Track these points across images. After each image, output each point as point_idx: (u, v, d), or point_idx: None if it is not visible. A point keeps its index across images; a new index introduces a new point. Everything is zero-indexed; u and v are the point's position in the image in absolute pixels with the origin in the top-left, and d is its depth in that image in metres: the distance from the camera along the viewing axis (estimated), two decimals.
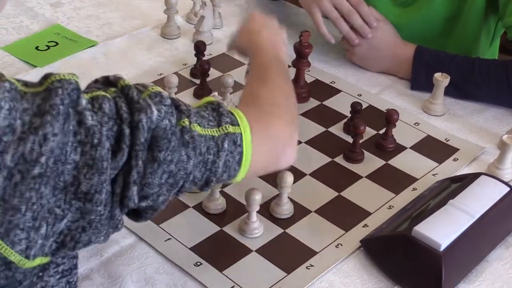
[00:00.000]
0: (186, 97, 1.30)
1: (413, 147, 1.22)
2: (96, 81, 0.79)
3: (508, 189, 1.04)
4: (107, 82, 0.78)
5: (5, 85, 0.66)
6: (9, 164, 0.64)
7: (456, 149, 1.22)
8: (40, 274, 0.72)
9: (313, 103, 1.32)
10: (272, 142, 0.88)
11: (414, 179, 1.15)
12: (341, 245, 1.02)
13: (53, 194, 0.67)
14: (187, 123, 0.77)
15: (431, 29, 1.47)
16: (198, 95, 1.31)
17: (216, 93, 1.15)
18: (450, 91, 1.32)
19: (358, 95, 1.35)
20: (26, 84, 0.69)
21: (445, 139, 1.24)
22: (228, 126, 0.82)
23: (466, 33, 1.46)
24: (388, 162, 1.19)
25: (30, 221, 0.66)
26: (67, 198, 0.68)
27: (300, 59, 1.31)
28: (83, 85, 1.32)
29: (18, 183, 0.65)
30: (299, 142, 1.21)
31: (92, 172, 0.69)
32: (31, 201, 0.65)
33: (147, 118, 0.72)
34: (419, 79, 1.36)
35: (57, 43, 1.46)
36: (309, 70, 1.38)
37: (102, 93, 0.73)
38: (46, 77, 0.69)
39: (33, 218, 0.66)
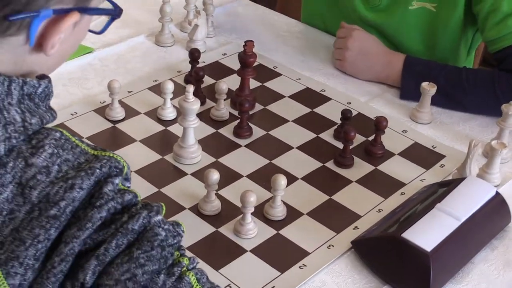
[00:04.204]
0: None
1: (401, 154, 1.25)
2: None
3: (495, 192, 1.08)
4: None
5: (56, 134, 0.72)
6: (34, 199, 0.68)
7: (443, 156, 1.25)
8: None
9: (304, 110, 1.35)
10: None
11: (402, 184, 1.18)
12: (333, 246, 1.04)
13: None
14: (186, 263, 0.73)
15: (408, 36, 1.50)
16: None
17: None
18: (439, 100, 1.35)
19: (347, 103, 1.38)
20: (82, 141, 0.74)
21: (432, 146, 1.27)
22: None
23: (445, 44, 1.49)
24: (377, 167, 1.21)
25: (31, 259, 0.67)
26: None
27: (245, 68, 1.32)
28: (79, 90, 1.36)
29: (33, 219, 0.67)
30: (291, 148, 1.25)
31: (77, 227, 0.69)
32: (38, 238, 0.67)
33: (147, 215, 0.72)
34: (408, 89, 1.39)
35: None
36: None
37: (133, 193, 0.73)
38: (105, 150, 0.74)
39: (34, 258, 0.67)
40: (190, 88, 1.15)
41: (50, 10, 0.70)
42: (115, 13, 0.82)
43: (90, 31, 0.84)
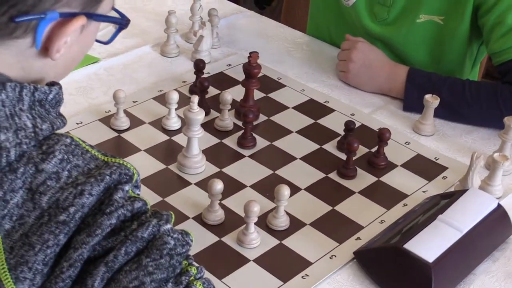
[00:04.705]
0: None
1: (404, 165, 1.26)
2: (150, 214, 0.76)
3: (497, 203, 1.09)
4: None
5: (66, 140, 0.73)
6: (44, 205, 0.69)
7: (445, 168, 1.26)
8: None
9: (308, 121, 1.36)
10: None
11: (405, 195, 1.18)
12: (335, 256, 1.05)
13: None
14: (194, 272, 0.74)
15: (416, 50, 1.51)
16: None
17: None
18: (442, 112, 1.36)
19: (351, 114, 1.39)
20: (92, 146, 0.75)
21: (435, 158, 1.28)
22: None
23: (451, 57, 1.50)
24: (380, 178, 1.22)
25: (40, 264, 0.68)
26: None
27: (250, 79, 1.33)
28: (85, 99, 1.37)
29: (43, 224, 0.68)
30: (294, 158, 1.26)
31: (86, 233, 0.70)
32: (47, 243, 0.68)
33: (157, 224, 0.72)
34: (411, 101, 1.40)
35: None
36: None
37: (143, 201, 0.74)
38: (115, 157, 0.75)
39: (43, 263, 0.68)
40: (195, 99, 1.16)
41: (57, 13, 0.71)
42: (122, 22, 0.83)
43: (98, 41, 0.85)
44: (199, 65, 1.40)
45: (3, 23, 0.70)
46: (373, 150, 1.27)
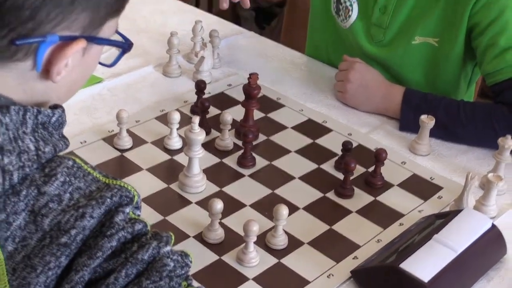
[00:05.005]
0: None
1: (400, 185, 1.26)
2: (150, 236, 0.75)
3: (491, 224, 1.08)
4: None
5: (68, 162, 0.72)
6: (46, 227, 0.69)
7: (440, 187, 1.25)
8: None
9: (306, 141, 1.36)
10: None
11: (401, 215, 1.18)
12: (333, 275, 1.05)
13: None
14: None
15: (411, 71, 1.51)
16: None
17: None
18: (437, 132, 1.36)
19: (348, 134, 1.39)
20: (94, 168, 0.74)
21: (430, 178, 1.28)
22: None
23: (446, 78, 1.50)
24: (377, 198, 1.22)
25: (42, 286, 0.67)
26: None
27: (249, 100, 1.33)
28: (89, 119, 1.36)
29: (44, 246, 0.68)
30: (293, 178, 1.26)
31: (87, 255, 0.69)
32: (48, 265, 0.68)
33: (157, 246, 0.72)
34: (407, 121, 1.40)
35: None
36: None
37: (143, 223, 0.74)
38: (116, 179, 0.74)
39: (45, 285, 0.68)
40: (196, 119, 1.16)
41: (57, 36, 0.71)
42: (125, 46, 0.83)
43: (101, 63, 0.85)
44: (200, 86, 1.40)
45: (4, 46, 0.70)
46: (370, 169, 1.27)
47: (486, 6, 1.37)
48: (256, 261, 1.06)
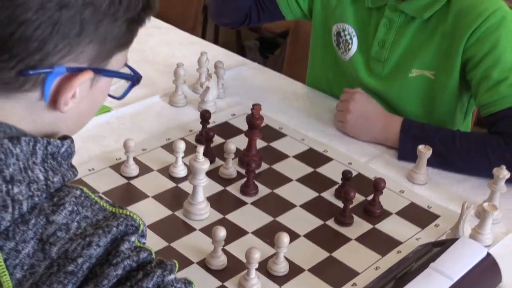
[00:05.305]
0: None
1: (398, 213, 1.26)
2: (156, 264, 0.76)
3: (486, 252, 1.08)
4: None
5: (76, 192, 0.73)
6: (53, 255, 0.69)
7: (437, 216, 1.26)
8: None
9: (306, 170, 1.37)
10: None
11: (399, 243, 1.18)
12: None
13: None
14: None
15: (409, 102, 1.52)
16: None
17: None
18: (434, 162, 1.37)
19: (348, 163, 1.39)
20: (101, 197, 0.75)
21: (428, 206, 1.28)
22: None
23: (443, 109, 1.51)
24: (375, 226, 1.22)
25: None
26: None
27: (252, 130, 1.34)
28: (97, 147, 1.37)
29: (52, 274, 0.68)
30: (294, 206, 1.26)
31: (94, 283, 0.70)
32: None
33: (161, 274, 0.72)
34: (406, 151, 1.41)
35: None
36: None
37: (148, 251, 0.74)
38: (122, 208, 0.75)
39: None
40: (201, 149, 1.17)
41: (64, 67, 0.71)
42: (133, 79, 0.84)
43: (110, 96, 0.85)
44: (205, 115, 1.41)
45: (13, 77, 0.70)
46: (369, 198, 1.27)
47: (479, 41, 1.38)
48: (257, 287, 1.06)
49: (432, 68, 1.47)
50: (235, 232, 1.17)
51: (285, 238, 1.07)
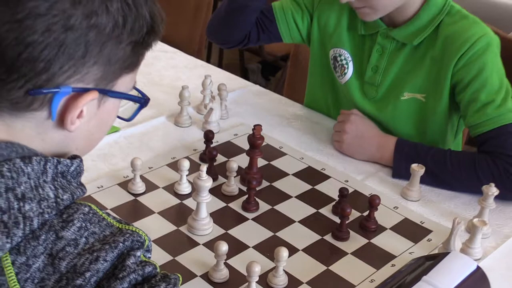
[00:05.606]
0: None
1: (392, 228, 1.26)
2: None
3: (476, 266, 1.09)
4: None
5: (84, 209, 0.73)
6: (63, 270, 0.69)
7: (430, 231, 1.26)
8: None
9: (305, 187, 1.37)
10: None
11: (393, 256, 1.19)
12: None
13: None
14: None
15: (402, 124, 1.53)
16: None
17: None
18: (427, 179, 1.37)
19: (345, 181, 1.41)
20: (108, 214, 0.76)
21: (420, 222, 1.29)
22: None
23: (434, 129, 1.51)
24: (371, 241, 1.23)
25: None
26: None
27: (253, 149, 1.35)
28: (105, 165, 1.38)
29: (61, 287, 0.69)
30: (293, 221, 1.27)
31: None
32: None
33: (166, 287, 0.73)
34: (399, 169, 1.41)
35: None
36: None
37: (153, 265, 0.75)
38: (129, 224, 0.75)
39: None
40: (204, 168, 1.19)
41: (70, 87, 0.72)
42: (141, 101, 0.84)
43: (119, 117, 0.86)
44: (208, 135, 1.42)
45: (21, 96, 0.71)
46: (365, 214, 1.28)
47: (467, 65, 1.39)
48: None
49: (423, 91, 1.48)
50: (236, 247, 1.18)
51: (284, 252, 1.07)
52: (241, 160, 1.40)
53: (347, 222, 1.23)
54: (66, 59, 0.70)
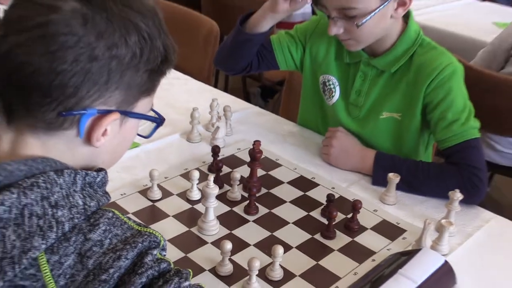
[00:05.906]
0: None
1: (373, 228, 1.26)
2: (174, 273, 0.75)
3: (444, 260, 1.08)
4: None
5: (109, 214, 0.73)
6: (90, 267, 0.69)
7: (405, 230, 1.26)
8: None
9: (298, 193, 1.37)
10: None
11: (373, 252, 1.18)
12: None
13: None
14: None
15: (381, 139, 1.52)
16: None
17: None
18: (402, 186, 1.37)
19: (332, 188, 1.40)
20: (129, 218, 0.75)
21: (396, 223, 1.28)
22: None
23: (408, 144, 1.51)
24: (354, 239, 1.22)
25: None
26: None
27: (254, 161, 1.35)
28: (128, 175, 1.37)
29: (89, 282, 0.69)
30: (288, 223, 1.27)
31: None
32: None
33: (178, 281, 0.72)
34: (378, 178, 1.41)
35: None
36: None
37: (168, 262, 0.74)
38: (147, 226, 0.75)
39: None
40: (211, 177, 1.19)
41: (95, 109, 0.72)
42: (157, 121, 0.84)
43: (139, 135, 0.86)
44: (215, 150, 1.42)
45: (54, 118, 0.71)
46: (349, 216, 1.27)
47: (436, 89, 1.39)
48: None
49: (399, 111, 1.48)
50: (239, 245, 1.18)
51: (280, 249, 1.07)
52: (243, 171, 1.40)
53: (333, 223, 1.23)
54: (92, 85, 0.70)
